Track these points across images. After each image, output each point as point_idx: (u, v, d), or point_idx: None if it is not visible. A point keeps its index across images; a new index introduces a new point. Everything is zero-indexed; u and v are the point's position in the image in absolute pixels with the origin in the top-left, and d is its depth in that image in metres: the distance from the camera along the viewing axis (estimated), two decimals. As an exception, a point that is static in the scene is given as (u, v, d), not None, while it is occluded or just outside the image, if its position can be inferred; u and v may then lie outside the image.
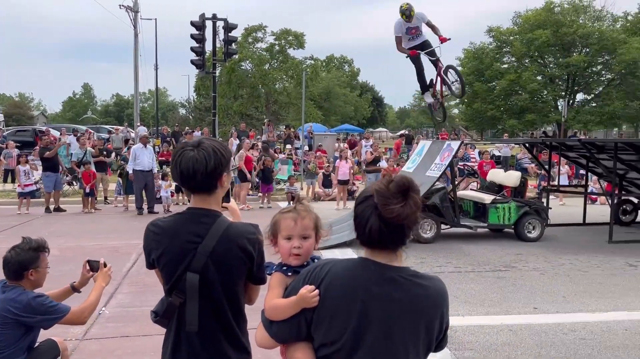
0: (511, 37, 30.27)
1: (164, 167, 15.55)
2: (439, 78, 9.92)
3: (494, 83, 30.14)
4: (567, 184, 15.19)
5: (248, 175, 14.19)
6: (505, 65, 30.66)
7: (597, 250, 9.34)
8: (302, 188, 17.00)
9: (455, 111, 54.36)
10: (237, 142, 16.31)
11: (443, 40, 9.38)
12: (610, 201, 10.76)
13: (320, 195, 16.14)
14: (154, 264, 2.17)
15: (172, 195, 13.78)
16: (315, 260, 2.05)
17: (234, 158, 14.72)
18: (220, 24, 16.17)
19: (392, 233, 1.70)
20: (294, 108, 34.95)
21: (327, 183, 16.43)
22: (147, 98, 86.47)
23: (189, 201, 2.30)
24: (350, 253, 8.16)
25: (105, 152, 15.79)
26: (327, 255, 6.97)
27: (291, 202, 12.00)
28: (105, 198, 14.80)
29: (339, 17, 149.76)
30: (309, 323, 1.79)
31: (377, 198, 1.69)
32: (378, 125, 75.28)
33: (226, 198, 2.41)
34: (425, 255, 8.76)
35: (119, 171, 14.51)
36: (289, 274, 2.00)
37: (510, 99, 29.89)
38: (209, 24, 16.04)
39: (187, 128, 27.90)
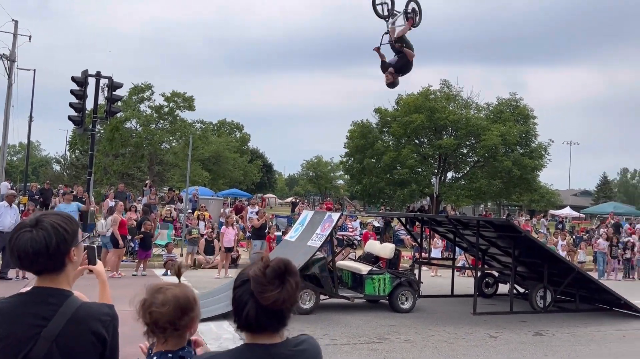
0: (391, 119, 32.84)
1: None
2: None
3: (375, 159, 32.25)
4: (439, 257, 16.21)
5: (121, 241, 12.98)
6: (390, 144, 32.97)
7: (463, 321, 9.93)
8: (182, 254, 16.36)
9: (340, 182, 56.61)
10: (112, 203, 15.40)
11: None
12: (474, 274, 11.62)
13: (202, 262, 15.61)
14: None
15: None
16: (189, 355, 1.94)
17: (105, 220, 13.75)
18: (104, 81, 15.68)
19: (270, 319, 1.68)
20: (179, 170, 34.21)
21: (209, 249, 15.97)
22: (16, 152, 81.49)
23: None
24: (226, 327, 7.89)
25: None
26: (201, 328, 6.65)
27: (169, 271, 11.33)
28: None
29: (231, 83, 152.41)
30: None
31: (254, 285, 1.67)
32: (267, 191, 75.86)
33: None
34: (303, 326, 8.70)
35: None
36: None
37: (392, 173, 32.06)
38: (91, 80, 15.47)
39: (60, 186, 25.96)
